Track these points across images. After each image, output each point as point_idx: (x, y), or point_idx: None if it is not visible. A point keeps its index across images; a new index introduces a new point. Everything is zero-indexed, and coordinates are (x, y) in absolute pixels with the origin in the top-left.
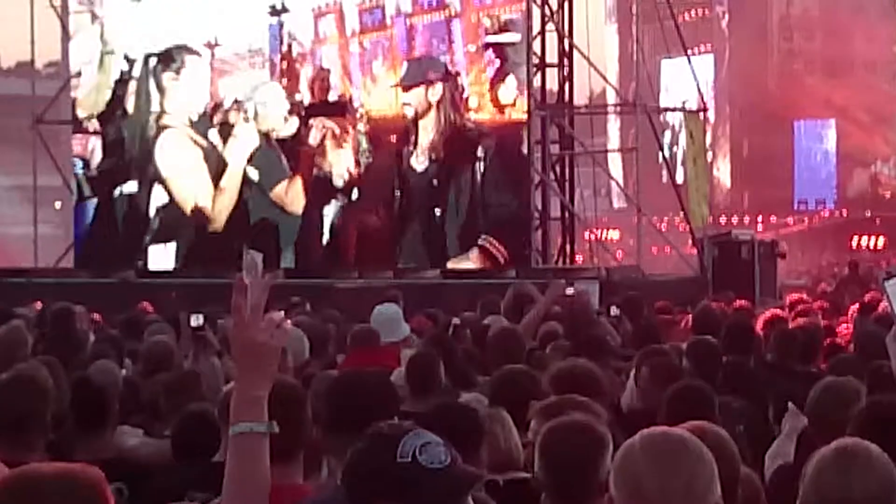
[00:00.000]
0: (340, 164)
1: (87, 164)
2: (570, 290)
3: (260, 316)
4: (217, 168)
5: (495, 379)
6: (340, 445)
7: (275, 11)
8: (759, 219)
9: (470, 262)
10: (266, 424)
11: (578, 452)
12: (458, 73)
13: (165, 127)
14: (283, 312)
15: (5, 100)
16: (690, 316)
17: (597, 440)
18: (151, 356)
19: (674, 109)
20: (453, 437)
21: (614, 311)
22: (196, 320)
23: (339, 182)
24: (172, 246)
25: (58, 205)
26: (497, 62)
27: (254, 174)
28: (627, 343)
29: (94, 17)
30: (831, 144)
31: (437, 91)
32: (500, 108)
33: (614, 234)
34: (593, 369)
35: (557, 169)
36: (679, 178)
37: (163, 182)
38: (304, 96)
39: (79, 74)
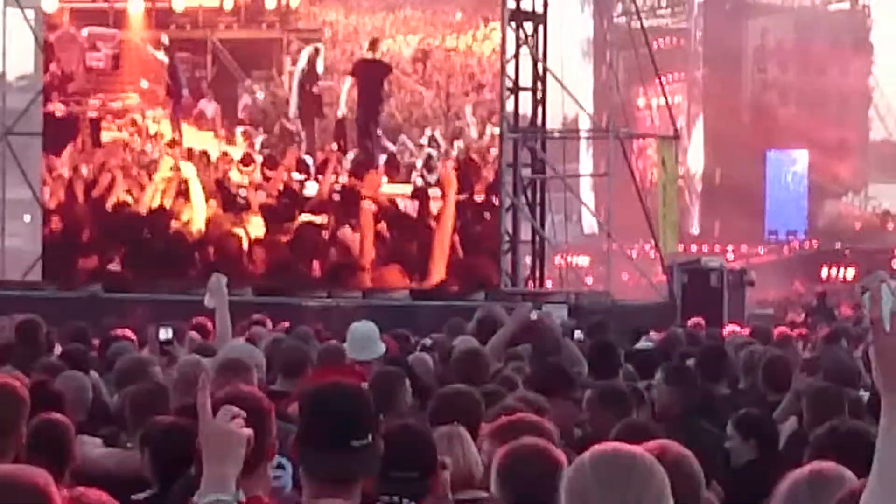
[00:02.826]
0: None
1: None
2: (534, 315)
3: (228, 412)
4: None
5: (436, 398)
6: (313, 460)
7: None
8: (730, 248)
9: None
10: (233, 495)
11: (537, 477)
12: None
13: None
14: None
15: None
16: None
17: (554, 464)
18: (125, 369)
19: (646, 136)
20: (408, 457)
21: (578, 335)
22: (165, 333)
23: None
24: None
25: (27, 218)
26: None
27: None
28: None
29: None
30: (803, 175)
31: None
32: None
33: (584, 260)
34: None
35: (529, 193)
36: (650, 206)
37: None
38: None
39: None
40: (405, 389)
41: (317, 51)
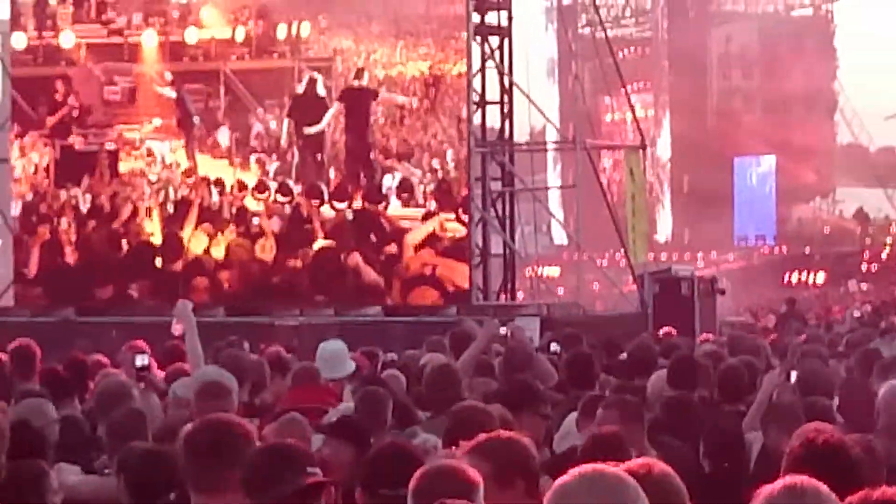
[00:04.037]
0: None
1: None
2: (503, 330)
3: None
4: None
5: (450, 417)
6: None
7: None
8: (700, 255)
9: None
10: None
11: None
12: None
13: None
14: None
15: None
16: None
17: (468, 482)
18: (105, 394)
19: (613, 146)
20: (397, 474)
21: (554, 346)
22: (141, 360)
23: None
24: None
25: None
26: None
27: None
28: (563, 379)
29: None
30: (770, 181)
31: None
32: None
33: (555, 271)
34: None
35: (498, 206)
36: (619, 215)
37: None
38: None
39: None
40: (390, 408)
41: (312, 80)
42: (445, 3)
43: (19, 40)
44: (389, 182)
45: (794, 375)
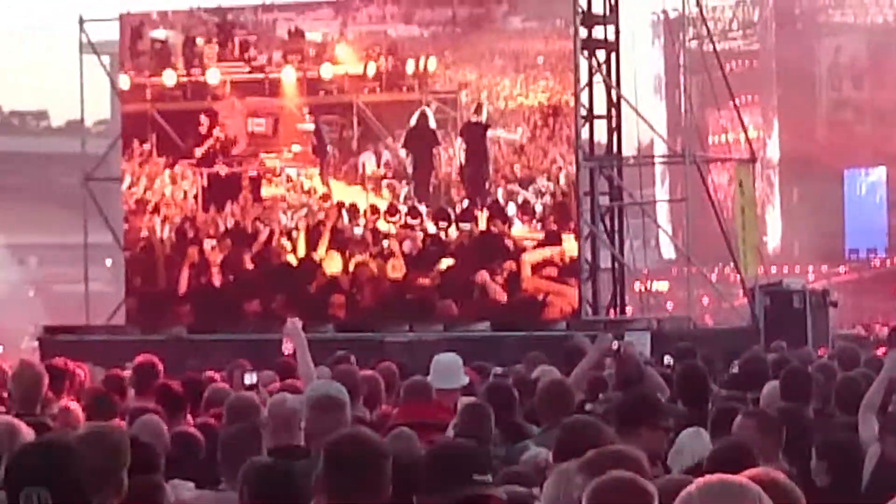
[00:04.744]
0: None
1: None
2: (615, 344)
3: None
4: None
5: (561, 430)
6: None
7: None
8: (810, 268)
9: None
10: None
11: None
12: None
13: None
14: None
15: (56, 158)
16: None
17: (645, 494)
18: (234, 408)
19: (722, 159)
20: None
21: (668, 360)
22: (250, 378)
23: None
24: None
25: (108, 262)
26: None
27: None
28: (676, 394)
29: None
30: (882, 192)
31: None
32: None
33: (664, 286)
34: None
35: (607, 220)
36: (729, 229)
37: None
38: None
39: None
40: (492, 422)
41: (423, 114)
42: (562, 39)
43: (169, 78)
44: (510, 204)
45: None
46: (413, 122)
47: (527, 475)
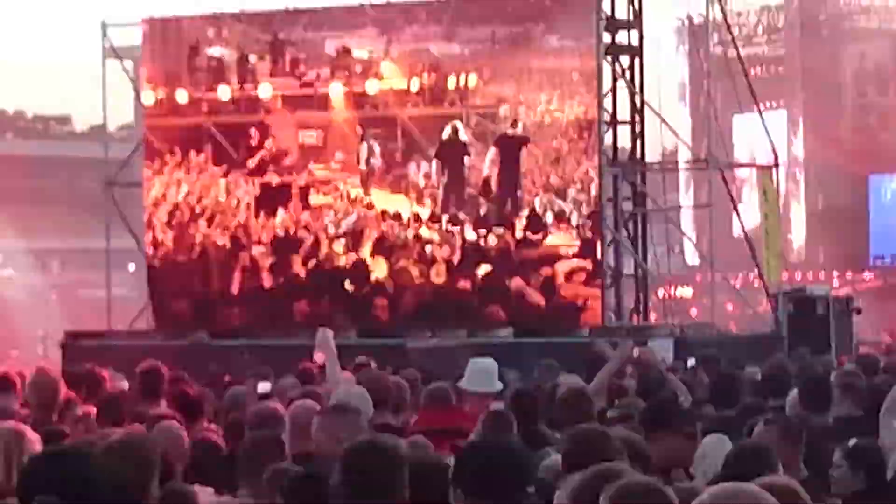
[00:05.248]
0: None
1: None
2: (636, 351)
3: None
4: None
5: (567, 439)
6: None
7: None
8: (835, 274)
9: None
10: None
11: None
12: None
13: None
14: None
15: (78, 163)
16: None
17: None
18: (258, 419)
19: (746, 165)
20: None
21: (691, 362)
22: (263, 387)
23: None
24: None
25: (131, 267)
26: None
27: None
28: (703, 399)
29: None
30: None
31: None
32: None
33: (687, 292)
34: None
35: (630, 226)
36: (752, 235)
37: None
38: None
39: None
40: (514, 429)
41: (455, 128)
42: (597, 58)
43: (224, 92)
44: (546, 212)
45: None
46: (445, 135)
47: (547, 483)
